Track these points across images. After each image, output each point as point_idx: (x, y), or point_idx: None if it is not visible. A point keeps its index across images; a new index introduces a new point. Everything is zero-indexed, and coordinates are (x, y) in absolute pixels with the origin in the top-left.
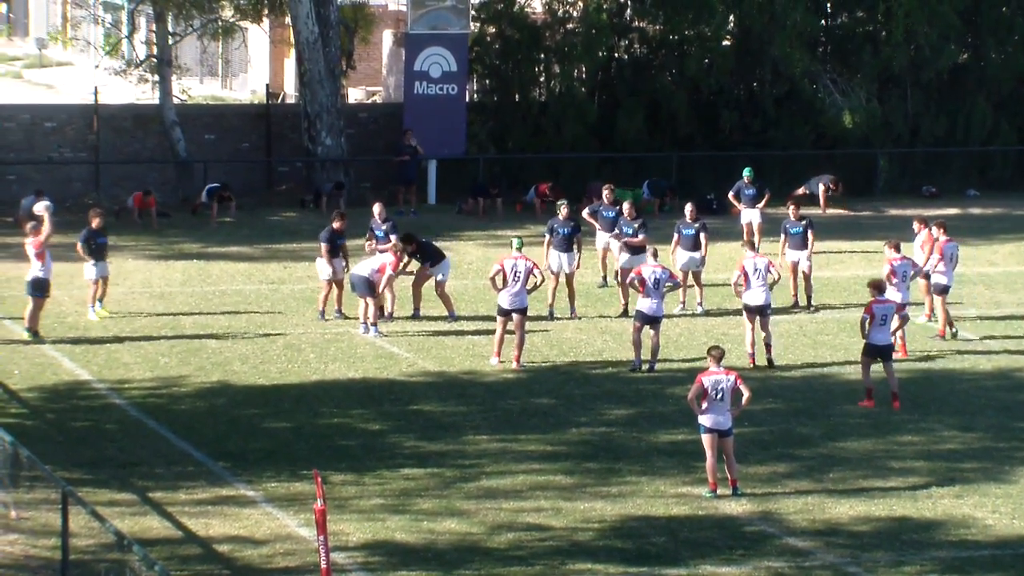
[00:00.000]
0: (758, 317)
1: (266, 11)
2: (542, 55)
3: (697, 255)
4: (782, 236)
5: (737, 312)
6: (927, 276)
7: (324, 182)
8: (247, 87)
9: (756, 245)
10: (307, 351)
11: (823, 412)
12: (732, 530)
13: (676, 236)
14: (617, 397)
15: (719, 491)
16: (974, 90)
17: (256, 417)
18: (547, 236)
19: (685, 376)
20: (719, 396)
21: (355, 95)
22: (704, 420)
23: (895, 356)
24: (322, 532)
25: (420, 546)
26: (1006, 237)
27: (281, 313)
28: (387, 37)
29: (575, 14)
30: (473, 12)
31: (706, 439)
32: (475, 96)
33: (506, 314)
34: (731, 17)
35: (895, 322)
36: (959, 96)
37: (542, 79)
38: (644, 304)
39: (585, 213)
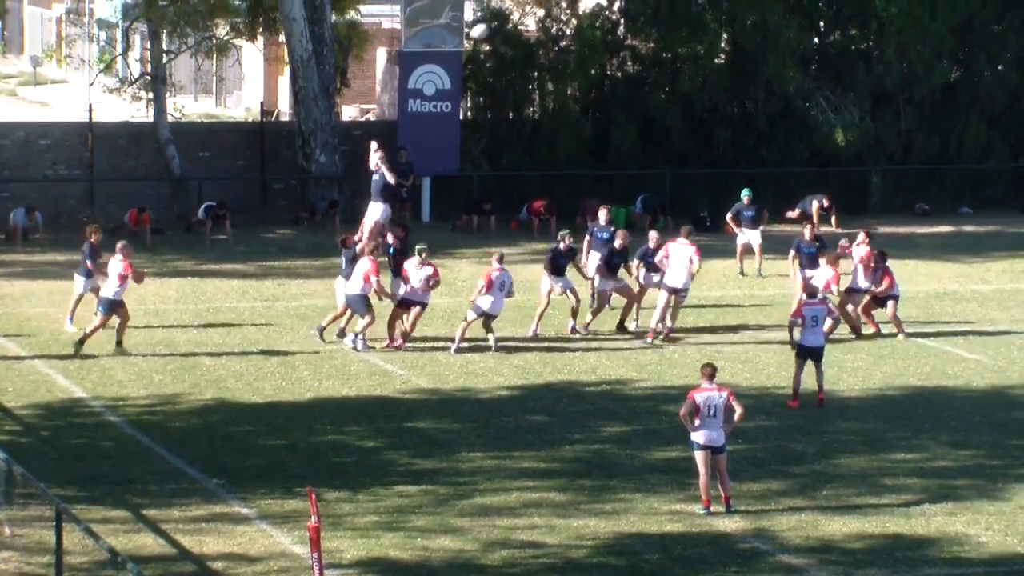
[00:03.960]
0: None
1: (260, 29)
2: (536, 73)
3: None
4: (792, 254)
5: (729, 330)
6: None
7: (319, 199)
8: (241, 105)
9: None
10: (301, 368)
11: (817, 429)
12: (726, 547)
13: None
14: (611, 414)
15: (712, 508)
16: (967, 107)
17: (250, 434)
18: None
19: (678, 393)
20: (712, 413)
21: (349, 112)
22: (697, 437)
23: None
24: (316, 549)
25: (414, 563)
26: (999, 255)
27: (276, 330)
28: (381, 55)
29: (568, 32)
30: (467, 30)
31: (699, 456)
32: (469, 113)
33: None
34: (724, 35)
35: (827, 324)
36: (952, 113)
37: (536, 96)
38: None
39: (586, 243)
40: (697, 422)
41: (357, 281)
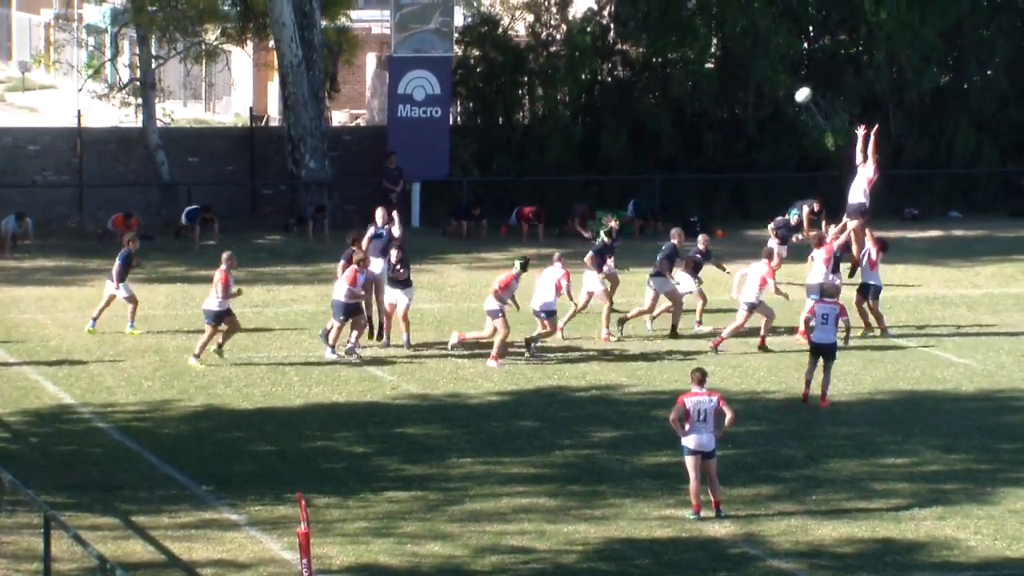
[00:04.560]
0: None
1: (250, 34)
2: (526, 78)
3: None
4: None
5: (719, 335)
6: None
7: (308, 205)
8: (231, 110)
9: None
10: (291, 374)
11: (807, 434)
12: (716, 552)
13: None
14: (601, 419)
15: (703, 513)
16: (956, 112)
17: (240, 440)
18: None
19: (668, 398)
20: (702, 417)
21: (339, 118)
22: (687, 442)
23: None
24: (306, 555)
25: (404, 569)
26: (988, 259)
27: (266, 336)
28: (371, 60)
29: (558, 37)
30: (457, 35)
31: (689, 461)
32: (459, 119)
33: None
34: (714, 40)
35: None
36: (941, 118)
37: (526, 102)
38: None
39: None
40: (687, 427)
41: (341, 287)
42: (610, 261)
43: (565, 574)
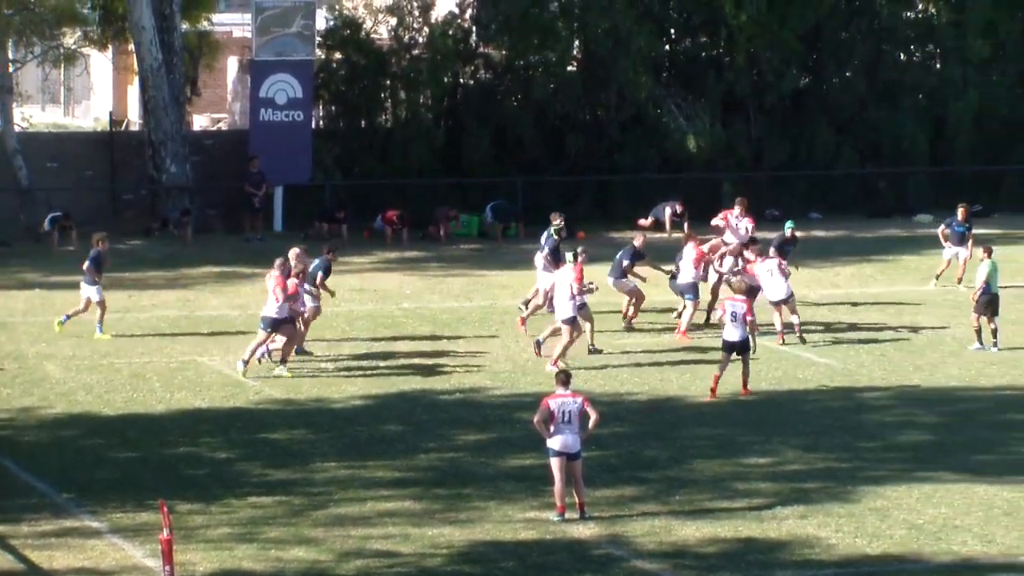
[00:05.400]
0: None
1: (109, 38)
2: (388, 81)
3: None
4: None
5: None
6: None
7: (170, 209)
8: (90, 114)
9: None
10: (153, 380)
11: (670, 435)
12: (580, 554)
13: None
14: (465, 423)
15: (567, 515)
16: (816, 114)
17: (101, 447)
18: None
19: (532, 400)
20: (566, 419)
21: (200, 122)
22: (553, 443)
23: None
24: (168, 562)
25: (268, 575)
26: (848, 259)
27: (127, 342)
28: (232, 63)
29: (421, 40)
30: (319, 39)
31: (555, 462)
32: (321, 122)
33: None
34: (576, 42)
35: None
36: (801, 120)
37: (388, 105)
38: None
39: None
40: (552, 428)
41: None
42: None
43: None
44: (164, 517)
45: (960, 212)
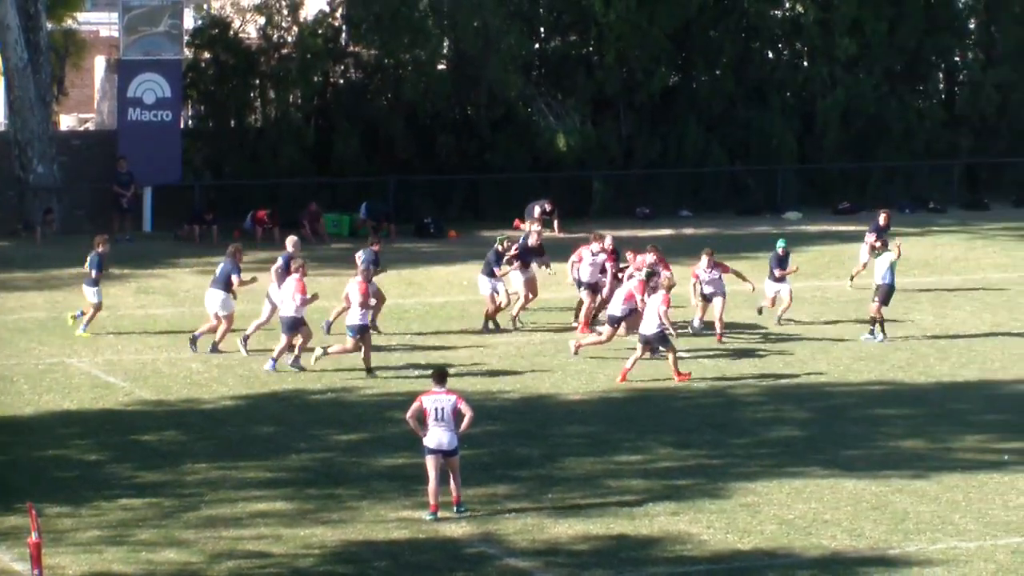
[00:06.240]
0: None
1: None
2: (258, 80)
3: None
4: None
5: (455, 334)
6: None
7: (37, 210)
8: None
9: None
10: (20, 382)
11: (542, 433)
12: (453, 552)
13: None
14: (337, 423)
15: (440, 514)
16: (685, 112)
17: None
18: None
19: (404, 399)
20: (440, 416)
21: (67, 122)
22: (427, 440)
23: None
24: (37, 566)
25: None
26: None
27: None
28: (100, 63)
29: (290, 39)
30: (187, 37)
31: (430, 460)
32: (190, 122)
33: None
34: (446, 41)
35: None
36: (671, 118)
37: (258, 104)
38: None
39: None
40: (426, 426)
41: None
42: (534, 263)
43: None
44: (32, 520)
45: (882, 218)
